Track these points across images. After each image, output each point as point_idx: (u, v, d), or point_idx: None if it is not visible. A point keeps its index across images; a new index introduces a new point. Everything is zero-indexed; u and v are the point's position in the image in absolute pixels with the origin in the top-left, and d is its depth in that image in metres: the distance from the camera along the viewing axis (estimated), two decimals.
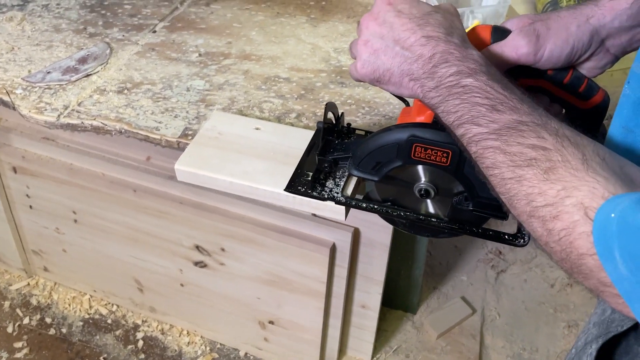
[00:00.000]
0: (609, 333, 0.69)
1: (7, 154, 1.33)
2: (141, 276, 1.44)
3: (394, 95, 0.70)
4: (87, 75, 1.11)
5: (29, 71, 1.14)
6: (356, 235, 1.19)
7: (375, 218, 1.10)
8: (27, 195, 1.40)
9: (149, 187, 1.24)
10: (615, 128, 0.61)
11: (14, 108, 1.04)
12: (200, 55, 1.18)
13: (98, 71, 1.12)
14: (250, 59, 1.18)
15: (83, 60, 1.12)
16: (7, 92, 1.07)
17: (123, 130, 0.96)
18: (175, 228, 1.27)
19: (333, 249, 1.18)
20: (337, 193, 0.81)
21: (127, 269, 1.43)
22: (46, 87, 1.07)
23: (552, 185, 0.50)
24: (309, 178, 0.82)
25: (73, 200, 1.34)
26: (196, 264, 1.31)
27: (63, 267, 1.55)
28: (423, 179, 0.75)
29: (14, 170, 1.35)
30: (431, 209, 0.80)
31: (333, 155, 0.82)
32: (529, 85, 0.70)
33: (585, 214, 0.47)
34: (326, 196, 0.81)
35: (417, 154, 0.70)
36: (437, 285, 1.63)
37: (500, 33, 0.69)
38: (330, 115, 0.84)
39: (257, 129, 0.92)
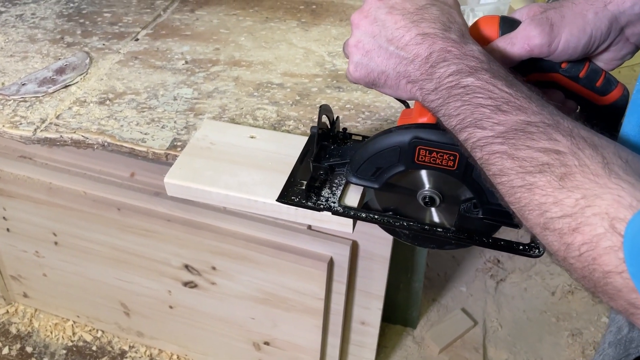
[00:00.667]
0: (628, 355, 0.64)
1: None
2: (127, 299, 1.37)
3: (393, 97, 0.64)
4: (66, 86, 1.05)
5: (2, 84, 1.07)
6: (354, 249, 1.14)
7: (374, 229, 1.05)
8: (3, 217, 1.33)
9: (134, 205, 1.18)
10: (630, 126, 0.56)
11: None
12: (186, 62, 1.13)
13: (77, 82, 1.06)
14: (240, 65, 1.13)
15: (61, 71, 1.06)
16: None
17: (106, 144, 0.90)
18: (163, 247, 1.21)
19: (331, 264, 1.12)
20: (334, 203, 0.75)
21: (112, 292, 1.36)
22: (21, 99, 1.01)
23: (570, 194, 0.45)
24: (303, 187, 0.76)
25: (53, 221, 1.28)
26: (186, 284, 1.25)
27: (44, 293, 1.47)
28: (427, 186, 0.70)
29: None
30: (436, 218, 0.74)
31: (329, 162, 0.76)
32: (541, 80, 0.65)
33: (611, 226, 0.42)
34: (322, 206, 0.74)
35: (421, 158, 0.65)
36: (436, 297, 1.58)
37: (509, 24, 0.63)
38: (325, 119, 0.78)
39: (252, 137, 0.87)
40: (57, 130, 0.93)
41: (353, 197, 0.77)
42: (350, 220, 0.76)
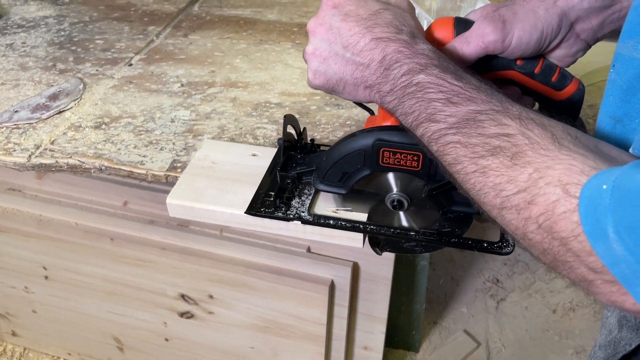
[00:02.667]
0: (617, 354, 0.64)
1: None
2: (121, 333, 1.32)
3: (354, 103, 0.65)
4: (60, 112, 1.03)
5: None
6: (355, 271, 1.12)
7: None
8: None
9: (128, 234, 1.15)
10: (603, 119, 0.56)
11: None
12: (182, 85, 1.12)
13: (71, 107, 1.04)
14: (237, 86, 1.12)
15: (54, 97, 1.04)
16: None
17: (103, 167, 0.88)
18: (158, 277, 1.18)
19: (332, 287, 1.10)
20: (304, 212, 0.75)
21: (104, 326, 1.32)
22: (14, 126, 0.98)
23: (522, 170, 0.46)
24: (272, 198, 0.76)
25: (43, 255, 1.24)
26: (182, 314, 1.22)
27: (33, 330, 1.42)
28: (395, 189, 0.70)
29: None
30: (404, 222, 0.74)
31: (296, 170, 0.75)
32: (499, 78, 0.66)
33: (565, 192, 0.43)
34: (292, 216, 0.74)
35: (386, 160, 0.65)
36: (437, 320, 1.55)
37: (464, 24, 0.65)
38: (292, 130, 0.79)
39: (253, 155, 0.85)
40: (52, 155, 0.90)
41: (323, 206, 0.76)
42: (360, 235, 0.74)
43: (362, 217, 0.75)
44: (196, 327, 1.23)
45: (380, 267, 1.11)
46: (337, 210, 0.76)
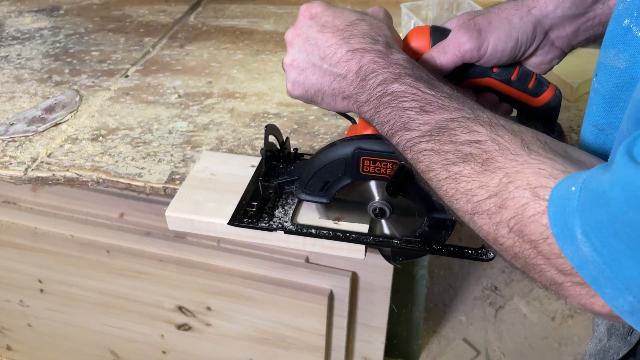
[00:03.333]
0: None
1: None
2: (117, 346, 1.31)
3: (337, 112, 0.67)
4: (56, 125, 1.02)
5: None
6: (354, 280, 1.11)
7: (374, 260, 1.03)
8: None
9: (124, 246, 1.14)
10: (587, 128, 0.57)
11: None
12: (179, 96, 1.11)
13: (68, 119, 1.03)
14: (235, 96, 1.11)
15: (50, 110, 1.03)
16: None
17: (101, 180, 0.87)
18: (155, 289, 1.17)
19: (331, 297, 1.09)
20: (287, 222, 0.75)
21: (101, 339, 1.30)
22: (10, 139, 0.97)
23: (493, 175, 0.47)
24: (254, 209, 0.76)
25: (39, 268, 1.22)
26: (179, 327, 1.20)
27: (28, 344, 1.40)
28: (377, 197, 0.70)
29: None
30: (387, 230, 0.75)
31: (278, 180, 0.76)
32: (476, 85, 0.67)
33: (534, 195, 0.43)
34: (275, 226, 0.74)
35: (366, 169, 0.66)
36: (436, 328, 1.55)
37: (440, 33, 0.66)
38: (274, 140, 0.79)
39: (252, 166, 0.85)
40: (49, 168, 0.90)
41: (306, 215, 0.77)
42: (362, 246, 0.74)
43: (351, 226, 0.75)
44: (194, 339, 1.22)
45: (379, 276, 1.10)
46: (338, 222, 0.76)
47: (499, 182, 0.46)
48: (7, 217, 1.20)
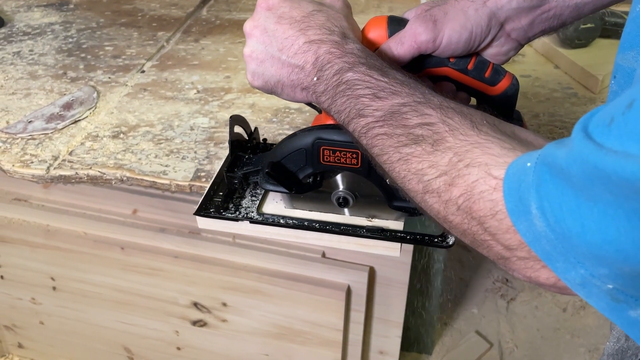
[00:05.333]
0: None
1: None
2: (131, 343, 1.30)
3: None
4: (75, 122, 1.00)
5: (7, 122, 1.02)
6: (372, 275, 1.10)
7: (392, 254, 1.02)
8: None
9: (138, 243, 1.13)
10: None
11: None
12: (198, 91, 1.10)
13: (87, 116, 1.01)
14: (254, 91, 1.10)
15: (68, 106, 1.01)
16: None
17: (125, 178, 0.85)
18: (170, 285, 1.16)
19: (348, 293, 1.08)
20: (253, 212, 0.76)
21: (114, 336, 1.30)
22: (29, 137, 0.95)
23: (443, 155, 0.48)
24: (220, 199, 0.77)
25: (51, 265, 1.21)
26: (194, 323, 1.20)
27: (40, 342, 1.39)
28: (341, 186, 0.72)
29: None
30: (350, 219, 0.76)
31: (242, 171, 0.76)
32: (434, 75, 0.68)
33: (483, 172, 0.45)
34: (241, 216, 0.75)
35: (326, 158, 0.66)
36: (449, 321, 1.54)
37: (397, 23, 0.66)
38: (241, 131, 0.80)
39: None
40: (72, 167, 0.88)
41: (272, 205, 0.78)
42: (397, 244, 0.74)
43: (319, 216, 0.76)
44: (209, 335, 1.21)
45: (397, 271, 1.09)
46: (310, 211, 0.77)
47: (449, 161, 0.47)
48: (18, 215, 1.18)
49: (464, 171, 0.46)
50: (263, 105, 1.05)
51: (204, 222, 0.78)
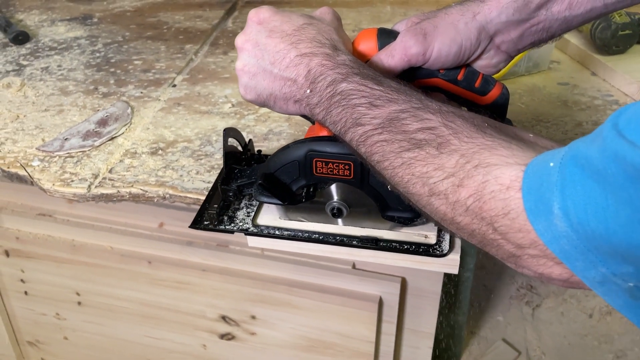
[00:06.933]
0: None
1: None
2: (157, 357, 1.29)
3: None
4: (112, 138, 0.99)
5: (43, 140, 1.01)
6: (403, 286, 1.09)
7: (424, 265, 1.01)
8: (21, 280, 1.25)
9: (166, 257, 1.12)
10: None
11: (32, 183, 0.91)
12: (232, 105, 1.08)
13: (123, 132, 1.00)
14: None
15: (103, 122, 1.00)
16: (21, 165, 0.93)
17: (167, 196, 0.84)
18: (197, 299, 1.15)
19: (380, 304, 1.07)
20: (248, 224, 0.77)
21: (140, 351, 1.29)
22: (67, 155, 0.94)
23: (450, 157, 0.48)
24: (215, 212, 0.78)
25: (76, 280, 1.20)
26: (222, 336, 1.18)
27: (64, 357, 1.38)
28: (335, 197, 0.72)
29: (6, 254, 1.21)
30: (344, 230, 0.76)
31: (237, 183, 0.76)
32: (424, 85, 0.68)
33: (496, 173, 0.45)
34: (236, 228, 0.76)
35: (319, 170, 0.67)
36: (475, 330, 1.53)
37: (387, 35, 0.67)
38: (235, 143, 0.80)
39: None
40: (113, 185, 0.87)
41: (267, 217, 0.78)
42: (457, 259, 0.73)
43: (314, 226, 0.77)
44: (237, 348, 1.20)
45: (430, 281, 1.08)
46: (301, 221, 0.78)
47: (456, 163, 0.47)
48: (43, 230, 1.17)
49: (473, 172, 0.46)
50: (299, 119, 1.04)
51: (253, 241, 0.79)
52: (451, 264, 0.73)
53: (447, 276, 1.26)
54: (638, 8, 1.33)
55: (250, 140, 0.84)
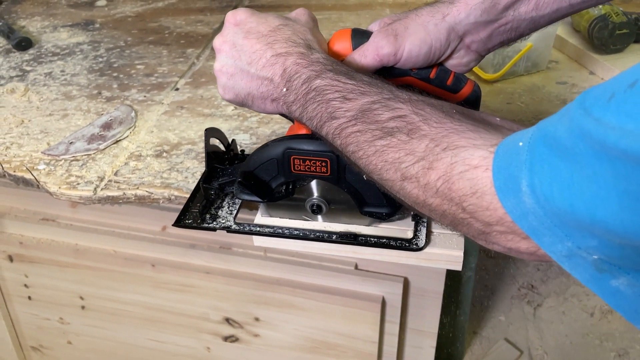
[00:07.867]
0: None
1: (1, 242, 1.19)
2: None
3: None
4: (116, 142, 1.00)
5: (48, 143, 1.02)
6: (406, 286, 1.09)
7: (429, 262, 1.02)
8: (25, 285, 1.25)
9: (169, 260, 1.13)
10: None
11: (38, 186, 0.91)
12: (235, 108, 1.09)
13: (127, 136, 1.01)
14: None
15: (107, 126, 1.01)
16: (27, 169, 0.94)
17: (173, 197, 0.85)
18: (201, 301, 1.15)
19: (383, 304, 1.08)
20: (229, 221, 0.78)
21: (145, 355, 1.29)
22: (72, 158, 0.95)
23: (420, 142, 0.50)
24: (198, 210, 0.79)
25: (80, 285, 1.21)
26: (226, 338, 1.19)
27: None
28: (316, 194, 0.73)
29: (10, 259, 1.21)
30: (324, 226, 0.78)
31: (218, 182, 0.79)
32: (398, 84, 0.68)
33: (464, 154, 0.47)
34: (218, 226, 0.78)
35: (297, 167, 0.68)
36: (477, 329, 1.53)
37: (361, 35, 0.69)
38: (218, 143, 0.82)
39: None
40: (119, 187, 0.88)
41: (249, 214, 0.80)
42: (461, 256, 0.74)
43: (293, 223, 0.79)
44: (241, 350, 1.20)
45: (432, 281, 1.09)
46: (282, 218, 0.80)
47: (426, 147, 0.49)
48: (46, 235, 1.18)
49: (442, 155, 0.48)
50: None
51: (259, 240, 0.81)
52: (454, 260, 0.74)
53: (449, 276, 1.27)
54: (635, 7, 1.35)
55: (233, 140, 0.86)
